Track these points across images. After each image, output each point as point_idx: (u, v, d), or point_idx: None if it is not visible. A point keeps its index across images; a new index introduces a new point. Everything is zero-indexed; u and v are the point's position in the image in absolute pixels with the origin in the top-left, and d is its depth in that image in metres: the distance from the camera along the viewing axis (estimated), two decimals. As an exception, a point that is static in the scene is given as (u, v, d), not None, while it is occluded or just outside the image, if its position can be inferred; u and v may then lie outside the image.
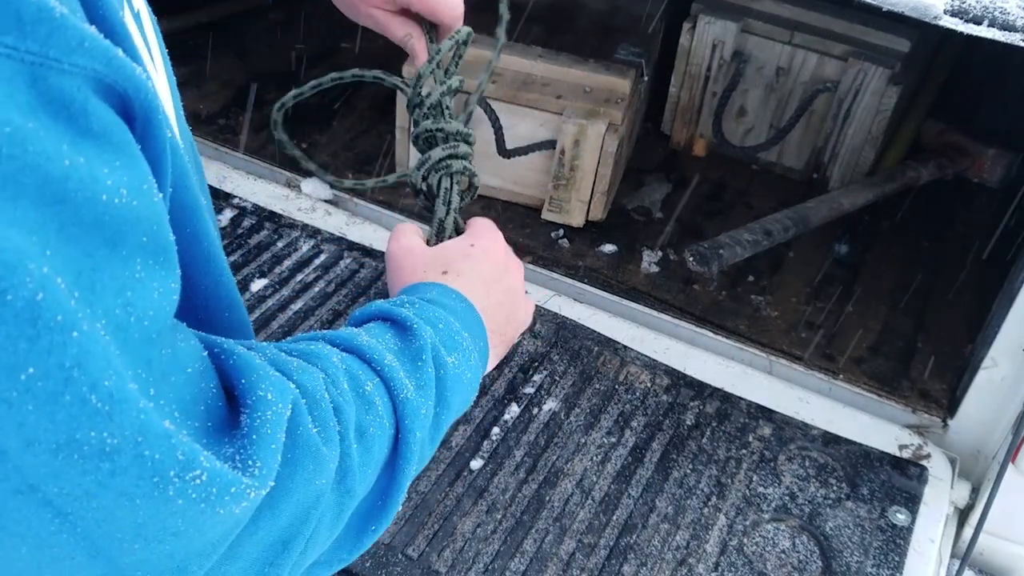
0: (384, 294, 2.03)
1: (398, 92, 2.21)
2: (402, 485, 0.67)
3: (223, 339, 0.57)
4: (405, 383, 0.67)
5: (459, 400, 0.75)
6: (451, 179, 0.99)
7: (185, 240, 0.61)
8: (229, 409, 0.54)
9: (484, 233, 0.93)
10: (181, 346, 0.51)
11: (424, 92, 1.00)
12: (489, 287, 0.86)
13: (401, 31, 1.03)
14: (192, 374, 0.51)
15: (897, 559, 1.63)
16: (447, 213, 0.98)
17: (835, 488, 1.74)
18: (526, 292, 0.95)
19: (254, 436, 0.52)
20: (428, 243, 0.96)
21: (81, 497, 0.44)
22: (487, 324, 0.82)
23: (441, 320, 0.75)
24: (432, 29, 1.04)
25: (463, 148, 1.00)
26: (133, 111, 0.48)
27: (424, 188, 1.00)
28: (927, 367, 2.04)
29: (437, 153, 0.99)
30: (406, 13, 1.02)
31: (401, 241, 0.90)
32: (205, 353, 0.54)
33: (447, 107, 1.00)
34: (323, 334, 0.69)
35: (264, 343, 0.63)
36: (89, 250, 0.44)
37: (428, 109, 1.01)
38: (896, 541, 1.66)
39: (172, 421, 0.47)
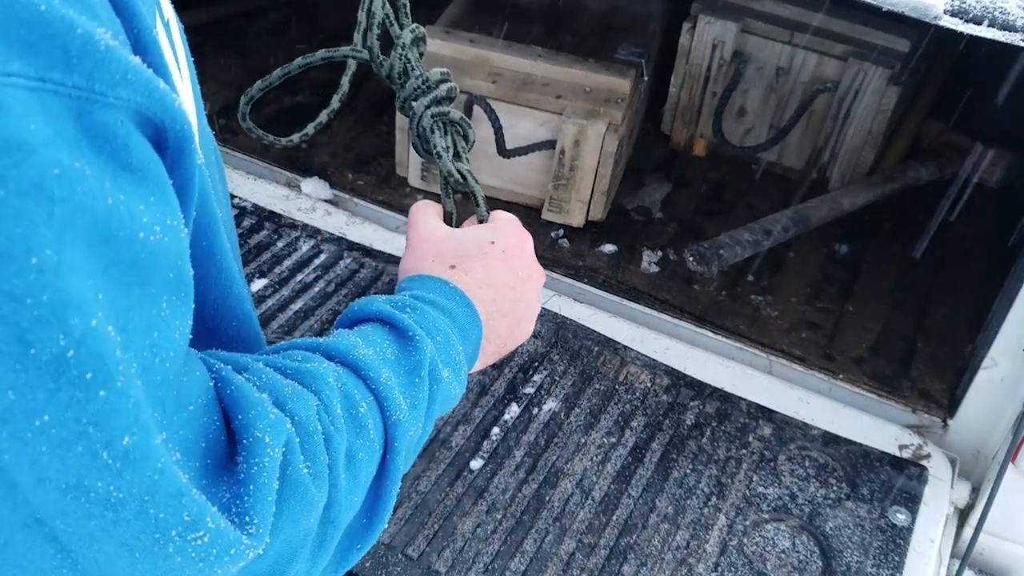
0: (381, 294, 2.03)
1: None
2: (388, 504, 0.66)
3: (222, 364, 0.57)
4: (399, 402, 0.65)
5: (442, 408, 0.73)
6: (444, 128, 0.92)
7: (200, 253, 0.61)
8: (227, 441, 0.53)
9: (509, 232, 0.86)
10: (187, 380, 0.51)
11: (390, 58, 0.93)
12: (498, 293, 0.81)
13: None
14: (196, 410, 0.51)
15: (897, 559, 1.63)
16: (449, 171, 0.92)
17: (835, 488, 1.74)
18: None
19: (251, 486, 0.51)
20: (446, 215, 0.92)
21: (85, 538, 0.45)
22: (486, 332, 0.79)
23: (440, 331, 0.72)
24: None
25: (444, 89, 0.92)
26: (167, 141, 0.48)
27: (421, 144, 0.93)
28: (927, 367, 2.04)
29: (420, 104, 0.91)
30: None
31: (419, 227, 0.85)
32: (211, 383, 0.54)
33: (412, 60, 0.92)
34: (320, 344, 0.66)
35: (261, 359, 0.62)
36: (127, 290, 0.44)
37: (398, 73, 0.93)
38: (896, 541, 1.66)
39: (177, 465, 0.47)
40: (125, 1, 0.47)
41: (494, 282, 0.81)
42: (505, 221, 0.88)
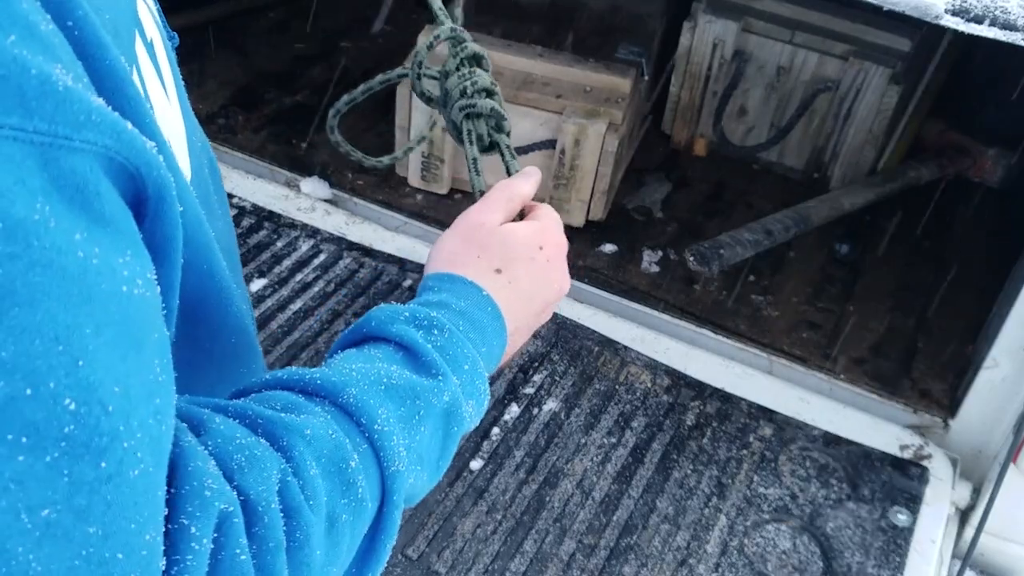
0: (382, 295, 2.03)
1: (397, 89, 2.21)
2: (380, 557, 0.60)
3: (177, 422, 0.51)
4: (398, 452, 0.58)
5: (457, 445, 0.67)
6: (479, 121, 0.90)
7: (198, 276, 0.58)
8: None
9: (556, 237, 0.80)
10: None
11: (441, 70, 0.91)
12: (531, 308, 0.75)
13: None
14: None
15: (898, 560, 1.62)
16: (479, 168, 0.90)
17: (836, 488, 1.74)
18: None
19: None
20: (477, 194, 0.87)
21: None
22: (510, 334, 0.73)
23: (468, 358, 0.65)
24: None
25: (482, 80, 0.89)
26: (146, 191, 0.45)
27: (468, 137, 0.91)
28: (928, 367, 2.03)
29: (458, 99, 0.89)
30: None
31: (482, 213, 0.78)
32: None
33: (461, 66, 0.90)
34: (311, 381, 0.59)
35: (232, 408, 0.56)
36: (123, 352, 0.41)
37: (450, 79, 0.90)
38: (897, 542, 1.66)
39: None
40: (87, 38, 0.43)
41: (533, 295, 0.75)
42: (553, 221, 0.81)
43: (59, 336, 0.38)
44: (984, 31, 1.39)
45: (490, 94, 0.89)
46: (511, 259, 0.75)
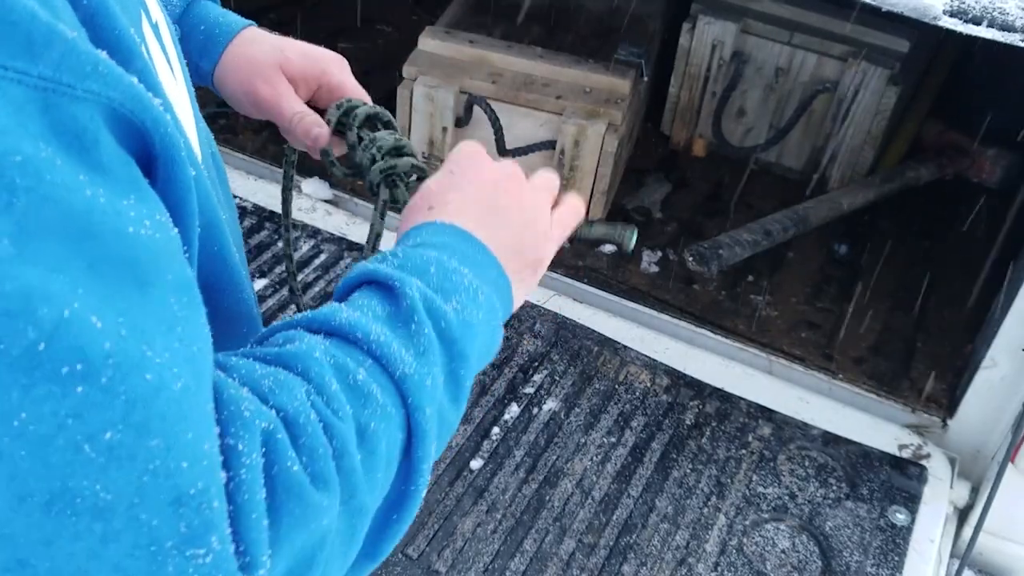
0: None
1: (397, 90, 2.22)
2: (422, 468, 0.60)
3: None
4: (401, 355, 0.58)
5: (479, 346, 0.65)
6: (393, 183, 0.88)
7: (210, 260, 0.59)
8: None
9: (461, 154, 0.77)
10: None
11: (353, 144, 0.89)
12: (484, 207, 0.72)
13: (296, 107, 0.92)
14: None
15: (897, 559, 1.63)
16: (378, 221, 0.88)
17: (835, 488, 1.74)
18: (547, 199, 0.78)
19: (231, 507, 0.46)
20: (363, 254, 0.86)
21: (74, 574, 0.41)
22: (495, 249, 0.69)
23: (431, 263, 0.64)
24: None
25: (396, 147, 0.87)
26: (154, 148, 0.46)
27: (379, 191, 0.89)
28: (927, 367, 2.04)
29: (375, 169, 0.87)
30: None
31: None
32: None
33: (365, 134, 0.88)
34: (301, 319, 0.60)
35: (241, 352, 0.57)
36: (121, 288, 0.42)
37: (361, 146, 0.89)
38: (896, 541, 1.66)
39: (181, 472, 0.44)
40: (102, 11, 0.44)
41: (474, 199, 0.73)
42: (454, 151, 0.79)
43: (47, 262, 0.39)
44: (982, 32, 1.40)
45: (399, 152, 0.87)
46: (431, 195, 0.73)
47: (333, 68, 0.91)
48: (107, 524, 0.41)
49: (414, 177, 0.88)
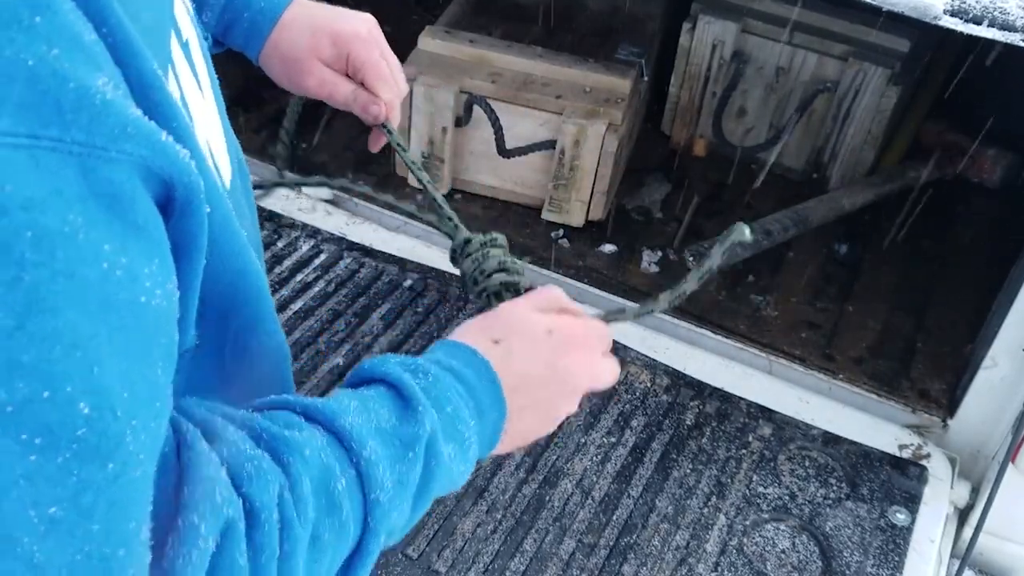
0: (382, 295, 2.03)
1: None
2: None
3: (191, 427, 0.53)
4: (382, 481, 0.60)
5: (442, 488, 0.68)
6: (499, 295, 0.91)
7: (232, 275, 0.60)
8: (173, 511, 0.50)
9: (575, 335, 0.78)
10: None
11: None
12: (532, 385, 0.73)
13: (347, 88, 0.95)
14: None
15: (897, 559, 1.63)
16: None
17: (835, 488, 1.74)
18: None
19: None
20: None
21: None
22: (507, 418, 0.71)
23: (451, 403, 0.66)
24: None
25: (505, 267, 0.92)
26: (175, 196, 0.47)
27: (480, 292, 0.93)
28: (927, 367, 2.04)
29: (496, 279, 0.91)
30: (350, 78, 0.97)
31: (507, 306, 0.80)
32: (173, 446, 0.51)
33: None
34: (311, 406, 0.62)
35: (239, 420, 0.58)
36: (130, 358, 0.42)
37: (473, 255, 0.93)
38: (896, 541, 1.66)
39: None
40: (123, 43, 0.45)
41: (531, 372, 0.73)
42: (579, 323, 0.79)
43: (77, 343, 0.40)
44: (983, 32, 1.40)
45: (501, 269, 0.91)
46: (511, 332, 0.75)
47: (355, 47, 0.94)
48: None
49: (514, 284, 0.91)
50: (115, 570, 0.43)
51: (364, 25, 0.95)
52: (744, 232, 0.86)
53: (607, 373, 0.80)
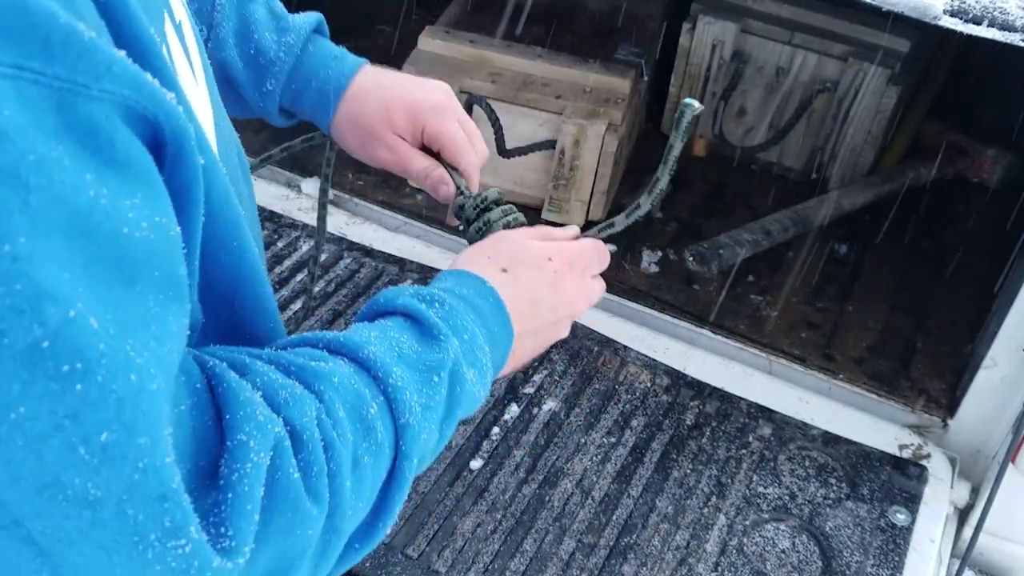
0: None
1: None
2: (393, 507, 0.64)
3: (217, 361, 0.55)
4: (410, 405, 0.62)
5: (465, 411, 0.71)
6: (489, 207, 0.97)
7: (230, 253, 0.61)
8: (219, 444, 0.51)
9: (574, 258, 0.86)
10: (181, 379, 0.50)
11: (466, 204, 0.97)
12: (537, 310, 0.79)
13: (421, 163, 0.97)
14: (186, 411, 0.49)
15: (897, 559, 1.63)
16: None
17: (835, 488, 1.74)
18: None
19: (230, 493, 0.49)
20: (458, 214, 0.94)
21: (63, 540, 0.43)
22: (514, 346, 0.77)
23: (468, 330, 0.69)
24: (453, 171, 0.99)
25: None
26: (164, 138, 0.47)
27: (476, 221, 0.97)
28: (927, 367, 2.04)
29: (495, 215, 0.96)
30: (425, 149, 0.98)
31: (515, 231, 0.85)
32: (203, 382, 0.53)
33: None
34: (333, 338, 0.63)
35: (266, 356, 0.60)
36: (110, 286, 0.43)
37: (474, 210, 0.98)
38: (896, 541, 1.66)
39: (167, 467, 0.45)
40: (113, 3, 0.46)
41: (538, 299, 0.79)
42: (577, 246, 0.88)
43: (56, 260, 0.41)
44: (983, 32, 1.40)
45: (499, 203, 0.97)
46: (517, 262, 0.79)
47: (431, 120, 0.95)
48: (96, 513, 0.43)
49: (510, 217, 0.95)
50: (168, 480, 0.45)
51: (439, 94, 0.96)
52: (695, 106, 0.90)
53: (597, 293, 0.90)
